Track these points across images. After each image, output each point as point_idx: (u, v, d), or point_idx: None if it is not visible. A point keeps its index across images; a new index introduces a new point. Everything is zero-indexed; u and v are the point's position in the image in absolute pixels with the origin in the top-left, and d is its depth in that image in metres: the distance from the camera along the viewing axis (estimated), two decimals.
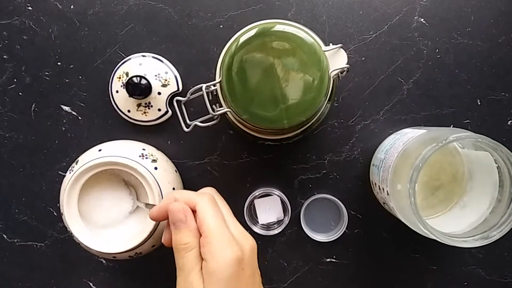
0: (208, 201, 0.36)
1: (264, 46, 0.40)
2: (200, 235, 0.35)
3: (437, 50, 0.52)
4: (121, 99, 0.52)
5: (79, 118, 0.54)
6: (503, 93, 0.52)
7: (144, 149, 0.48)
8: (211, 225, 0.34)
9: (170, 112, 0.52)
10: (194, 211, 0.36)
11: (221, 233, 0.34)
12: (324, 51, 0.41)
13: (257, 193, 0.52)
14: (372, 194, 0.52)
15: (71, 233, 0.45)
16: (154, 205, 0.44)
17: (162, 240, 0.38)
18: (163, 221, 0.39)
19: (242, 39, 0.40)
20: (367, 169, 0.52)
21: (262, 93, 0.40)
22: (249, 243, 0.36)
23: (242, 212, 0.52)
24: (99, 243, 0.44)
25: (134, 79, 0.49)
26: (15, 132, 0.55)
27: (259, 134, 0.45)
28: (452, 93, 0.52)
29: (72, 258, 0.55)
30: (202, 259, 0.34)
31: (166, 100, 0.51)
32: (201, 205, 0.36)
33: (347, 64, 0.41)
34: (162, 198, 0.45)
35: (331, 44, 0.42)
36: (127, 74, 0.51)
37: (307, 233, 0.52)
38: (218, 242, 0.34)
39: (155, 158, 0.47)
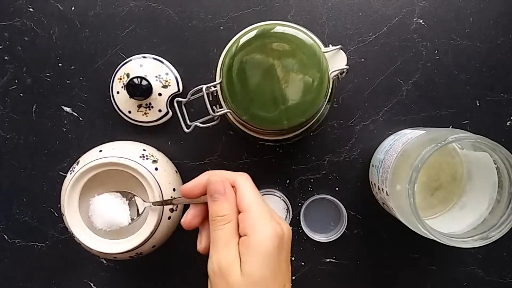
0: (248, 178, 0.36)
1: (264, 48, 0.40)
2: (239, 212, 0.34)
3: (436, 51, 0.52)
4: (122, 100, 0.52)
5: (80, 119, 0.54)
6: (502, 94, 0.52)
7: (144, 150, 0.48)
8: (252, 199, 0.33)
9: (170, 113, 0.52)
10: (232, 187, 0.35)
11: (263, 209, 0.33)
12: (324, 52, 0.41)
13: None
14: (371, 194, 0.52)
15: (72, 234, 0.45)
16: (161, 201, 0.43)
17: (198, 247, 0.36)
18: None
19: (242, 41, 0.40)
20: (367, 170, 0.52)
21: (262, 94, 0.40)
22: (287, 226, 0.34)
23: None
24: (100, 243, 0.44)
25: (135, 80, 0.49)
26: (16, 133, 0.55)
27: (259, 135, 0.45)
28: (451, 94, 0.52)
29: (73, 259, 0.55)
30: (239, 235, 0.33)
31: (167, 101, 0.52)
32: (240, 181, 0.35)
33: (346, 65, 0.42)
34: (163, 198, 0.45)
35: (330, 45, 0.42)
36: (127, 75, 0.51)
37: (307, 233, 0.53)
38: (260, 217, 0.32)
39: (155, 159, 0.47)
